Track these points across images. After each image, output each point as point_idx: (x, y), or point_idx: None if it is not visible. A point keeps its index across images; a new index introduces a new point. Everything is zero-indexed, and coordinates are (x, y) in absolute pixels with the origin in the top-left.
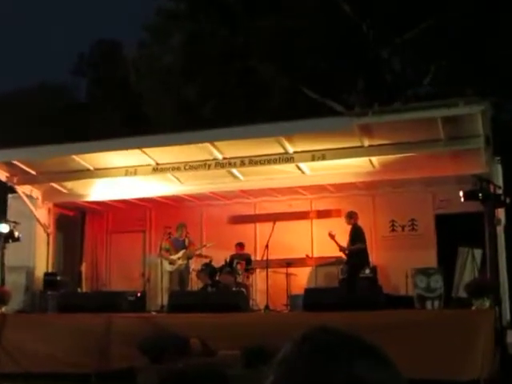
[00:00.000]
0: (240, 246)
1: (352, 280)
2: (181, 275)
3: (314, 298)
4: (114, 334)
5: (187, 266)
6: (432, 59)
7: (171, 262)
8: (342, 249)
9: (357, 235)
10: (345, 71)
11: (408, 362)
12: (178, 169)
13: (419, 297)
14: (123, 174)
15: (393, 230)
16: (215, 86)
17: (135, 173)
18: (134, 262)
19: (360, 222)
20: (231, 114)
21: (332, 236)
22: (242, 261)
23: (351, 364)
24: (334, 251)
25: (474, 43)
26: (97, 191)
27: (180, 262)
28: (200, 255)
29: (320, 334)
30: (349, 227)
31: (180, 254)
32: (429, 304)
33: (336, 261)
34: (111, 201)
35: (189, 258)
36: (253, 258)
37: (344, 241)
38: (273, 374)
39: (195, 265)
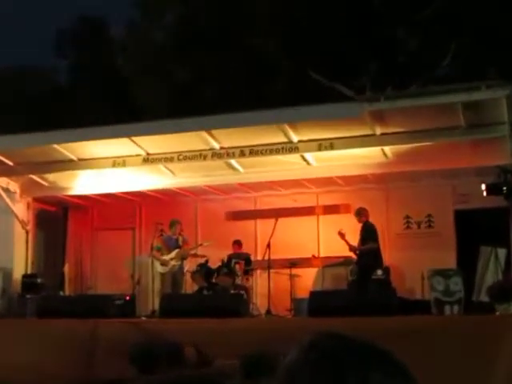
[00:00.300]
0: (237, 244)
1: (363, 282)
2: (174, 277)
3: (320, 302)
4: (100, 342)
5: (181, 267)
6: (451, 39)
7: (163, 263)
8: (352, 248)
9: (368, 233)
10: (355, 52)
11: (424, 371)
12: (171, 160)
13: (437, 301)
14: (110, 166)
15: (407, 227)
16: (212, 69)
17: (124, 164)
18: (122, 262)
19: (371, 219)
20: (230, 100)
21: (342, 235)
22: (240, 261)
23: (362, 372)
24: (342, 250)
25: (497, 20)
26: (81, 184)
27: (173, 262)
28: (195, 255)
29: (327, 340)
30: (359, 224)
31: (173, 254)
32: (447, 309)
33: (345, 261)
34: (97, 195)
35: (183, 258)
36: (253, 257)
37: (354, 239)
38: (277, 383)
39: (190, 265)
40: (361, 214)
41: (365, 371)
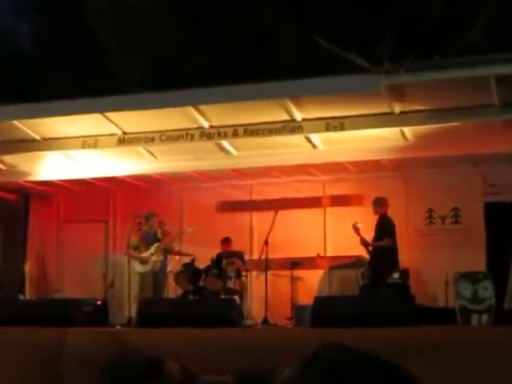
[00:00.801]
0: (226, 242)
1: (376, 287)
2: (155, 277)
3: (326, 310)
4: (68, 355)
5: (163, 266)
6: (483, 1)
7: (143, 261)
8: (363, 242)
9: (384, 228)
10: (370, 15)
11: None
12: (152, 140)
13: (463, 309)
14: (80, 147)
15: (430, 223)
16: (201, 35)
17: (95, 145)
18: (93, 261)
19: (389, 212)
20: (221, 70)
21: (356, 229)
22: (233, 260)
23: None
24: (353, 249)
25: None
26: (45, 168)
27: (154, 258)
28: (179, 253)
29: (334, 353)
30: (375, 219)
31: (152, 248)
32: (475, 318)
33: (356, 262)
34: (64, 181)
35: (166, 252)
36: (248, 257)
37: (368, 237)
38: None
39: (173, 265)
40: (379, 204)
41: None
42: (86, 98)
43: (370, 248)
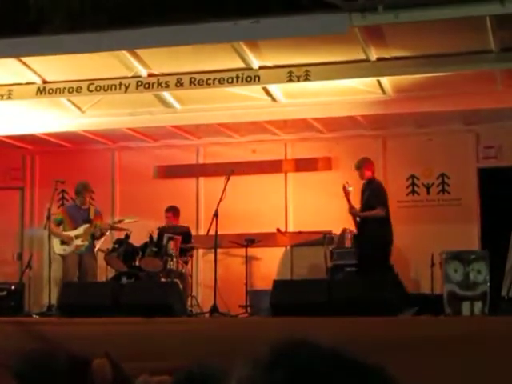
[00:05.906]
0: (172, 212)
1: (369, 270)
2: (81, 261)
3: (287, 297)
4: None
5: (90, 247)
6: None
7: (64, 241)
8: (352, 211)
9: (376, 195)
10: None
11: None
12: (78, 90)
13: (452, 296)
14: None
15: (412, 192)
16: None
17: (9, 96)
18: (5, 236)
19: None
20: (163, 7)
21: (346, 192)
22: (176, 236)
23: None
24: (320, 223)
25: None
26: None
27: (78, 242)
28: (111, 227)
29: (298, 353)
30: (342, 186)
31: (80, 229)
32: (466, 307)
33: (323, 238)
34: None
35: (95, 237)
36: (194, 232)
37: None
38: None
39: (103, 242)
40: (363, 166)
41: None
42: None
43: (359, 219)
